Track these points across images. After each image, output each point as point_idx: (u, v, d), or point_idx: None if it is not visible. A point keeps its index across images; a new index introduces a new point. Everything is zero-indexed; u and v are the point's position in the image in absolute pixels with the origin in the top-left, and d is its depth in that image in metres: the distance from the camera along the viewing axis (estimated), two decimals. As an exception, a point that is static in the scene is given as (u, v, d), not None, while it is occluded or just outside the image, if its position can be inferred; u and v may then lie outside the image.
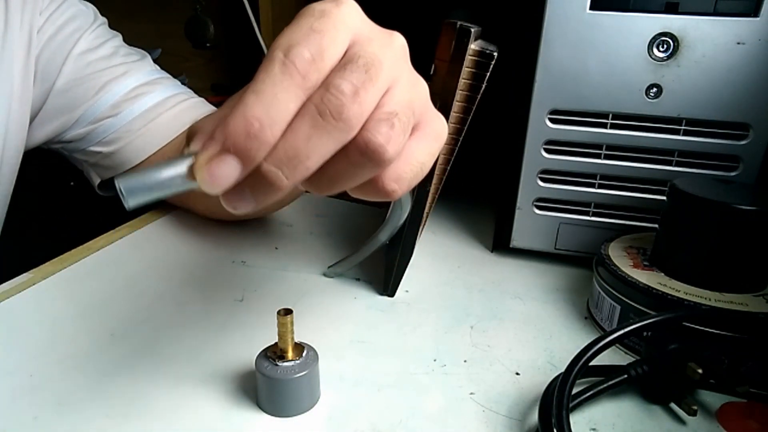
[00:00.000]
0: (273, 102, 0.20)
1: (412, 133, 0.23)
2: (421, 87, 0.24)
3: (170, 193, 0.21)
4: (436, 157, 0.25)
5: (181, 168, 0.20)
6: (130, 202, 0.20)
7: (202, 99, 0.57)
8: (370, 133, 0.21)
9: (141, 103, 0.52)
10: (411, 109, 0.23)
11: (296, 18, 0.22)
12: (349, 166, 0.22)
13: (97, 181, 0.55)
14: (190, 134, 0.22)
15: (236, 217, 0.57)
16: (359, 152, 0.21)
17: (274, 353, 0.31)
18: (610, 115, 0.45)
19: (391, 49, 0.23)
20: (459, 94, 0.39)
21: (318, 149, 0.20)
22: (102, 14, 0.56)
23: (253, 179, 0.21)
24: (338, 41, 0.21)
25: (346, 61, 0.21)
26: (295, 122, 0.20)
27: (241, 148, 0.20)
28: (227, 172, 0.20)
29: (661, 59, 0.42)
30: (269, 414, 0.31)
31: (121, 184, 0.20)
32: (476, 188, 0.71)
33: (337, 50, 0.21)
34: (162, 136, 0.53)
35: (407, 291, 0.45)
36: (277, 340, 0.31)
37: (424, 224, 0.46)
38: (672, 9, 0.41)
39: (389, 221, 0.40)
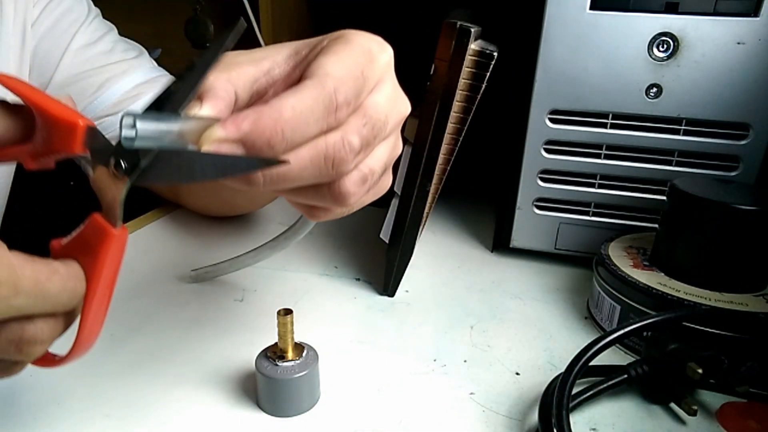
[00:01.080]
0: (304, 125, 0.21)
1: None
2: (398, 150, 0.27)
3: (166, 147, 0.21)
4: (362, 206, 0.28)
5: (190, 128, 0.21)
6: (134, 143, 0.20)
7: None
8: (347, 182, 0.24)
9: (142, 102, 0.52)
10: (383, 169, 0.26)
11: (349, 47, 0.24)
12: (313, 192, 0.24)
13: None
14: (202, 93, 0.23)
15: (224, 213, 0.58)
16: (329, 189, 0.24)
17: (274, 353, 0.31)
18: (610, 115, 0.45)
19: (398, 112, 0.25)
20: (459, 94, 0.39)
21: (303, 179, 0.23)
22: (102, 14, 0.55)
23: None
24: (371, 86, 0.24)
25: (366, 113, 0.23)
26: (302, 150, 0.22)
27: (255, 148, 0.21)
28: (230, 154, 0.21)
29: (661, 59, 0.42)
30: (269, 414, 0.31)
31: (138, 123, 0.20)
32: (476, 188, 0.71)
33: (367, 94, 0.24)
34: None
35: (407, 291, 0.45)
36: (277, 340, 0.31)
37: (424, 224, 0.46)
38: (672, 9, 0.41)
39: (284, 240, 0.38)
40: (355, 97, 0.23)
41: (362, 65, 0.23)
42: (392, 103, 0.25)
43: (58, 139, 0.21)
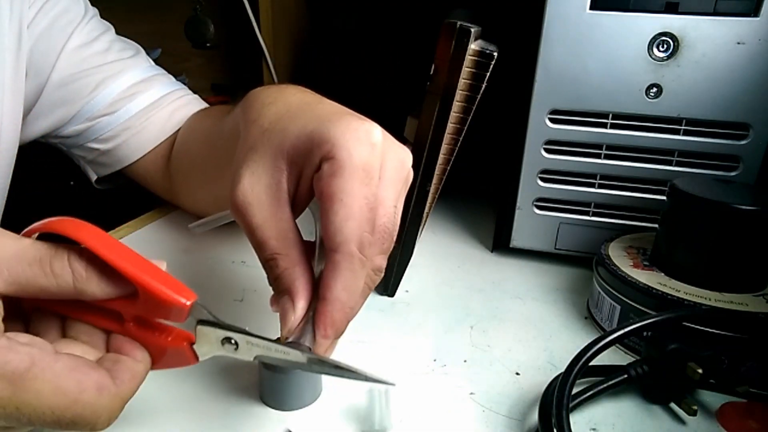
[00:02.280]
0: (357, 291, 0.26)
1: None
2: (405, 194, 0.30)
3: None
4: None
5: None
6: None
7: (196, 96, 0.58)
8: (375, 278, 0.28)
9: (138, 102, 0.52)
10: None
11: (346, 181, 0.25)
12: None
13: (94, 177, 0.55)
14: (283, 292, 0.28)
15: None
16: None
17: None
18: (610, 115, 0.45)
19: (405, 185, 0.28)
20: (459, 94, 0.39)
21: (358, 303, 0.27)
22: (102, 15, 0.55)
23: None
24: (377, 199, 0.26)
25: (378, 230, 0.26)
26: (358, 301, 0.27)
27: (339, 330, 0.26)
28: None
29: (661, 59, 0.42)
30: (272, 407, 0.31)
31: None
32: (476, 188, 0.71)
33: (377, 207, 0.26)
34: (157, 134, 0.53)
35: (407, 291, 0.45)
36: (279, 336, 0.31)
37: (424, 224, 0.46)
38: (672, 9, 0.41)
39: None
40: (371, 229, 0.25)
41: (365, 193, 0.25)
42: (395, 187, 0.27)
43: (163, 312, 0.24)
